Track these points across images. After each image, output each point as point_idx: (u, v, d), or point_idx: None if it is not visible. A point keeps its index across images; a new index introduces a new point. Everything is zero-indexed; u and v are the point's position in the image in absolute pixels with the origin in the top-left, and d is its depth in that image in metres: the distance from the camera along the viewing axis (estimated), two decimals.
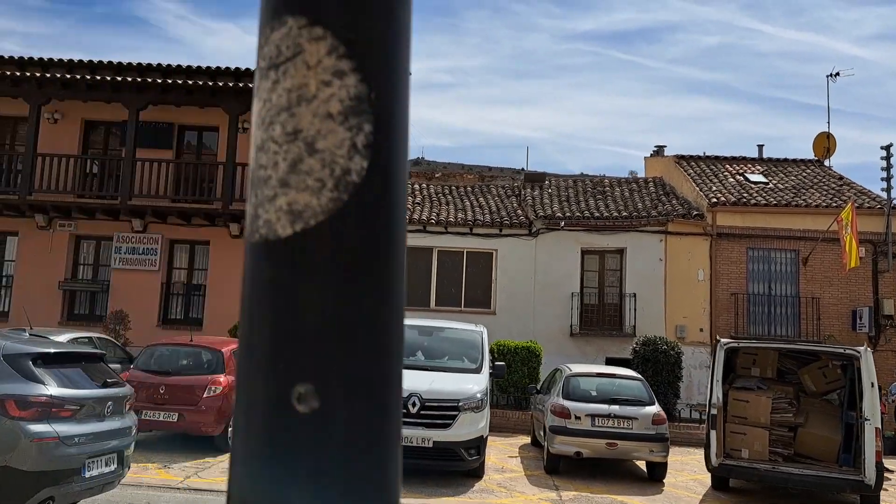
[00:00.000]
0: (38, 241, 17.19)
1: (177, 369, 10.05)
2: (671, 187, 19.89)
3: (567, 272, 17.30)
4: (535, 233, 17.50)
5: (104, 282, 17.29)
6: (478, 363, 9.86)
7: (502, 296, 17.38)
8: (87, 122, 17.93)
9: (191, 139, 18.28)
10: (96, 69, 17.61)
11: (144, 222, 17.21)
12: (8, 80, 16.55)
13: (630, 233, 17.38)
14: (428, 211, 18.59)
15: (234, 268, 17.27)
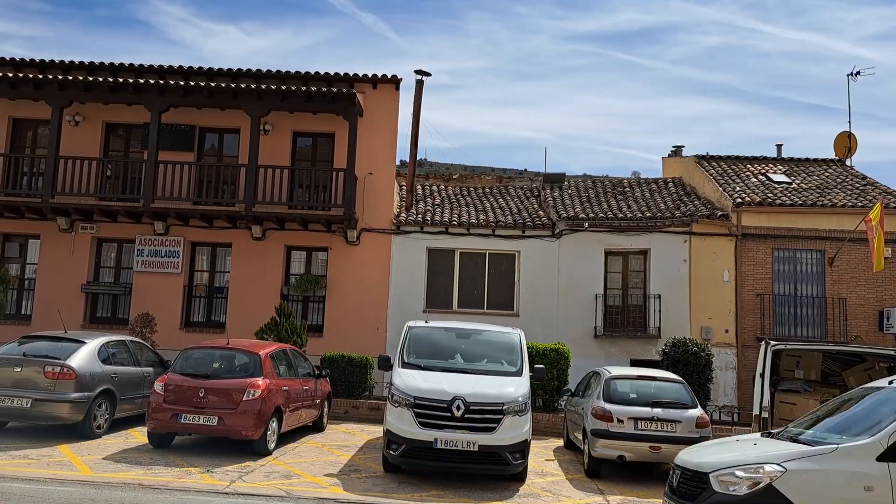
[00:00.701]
0: (60, 244, 17.15)
1: (215, 372, 9.98)
2: (692, 187, 19.80)
3: (590, 273, 17.22)
4: (558, 234, 17.41)
5: (126, 284, 17.24)
6: (518, 366, 9.78)
7: (525, 297, 17.30)
8: (108, 124, 17.89)
9: (212, 141, 18.21)
10: (117, 71, 17.57)
11: (166, 225, 17.16)
12: (30, 82, 16.53)
13: (654, 233, 17.29)
14: (449, 212, 18.51)
15: (256, 270, 17.23)
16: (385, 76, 17.92)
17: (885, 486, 5.17)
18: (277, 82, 17.49)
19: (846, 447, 5.46)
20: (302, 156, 18.26)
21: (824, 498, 5.26)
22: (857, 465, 5.30)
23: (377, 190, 17.70)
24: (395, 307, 17.26)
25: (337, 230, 17.42)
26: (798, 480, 5.31)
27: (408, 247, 17.59)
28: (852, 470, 5.28)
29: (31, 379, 9.90)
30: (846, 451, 5.40)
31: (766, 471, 5.41)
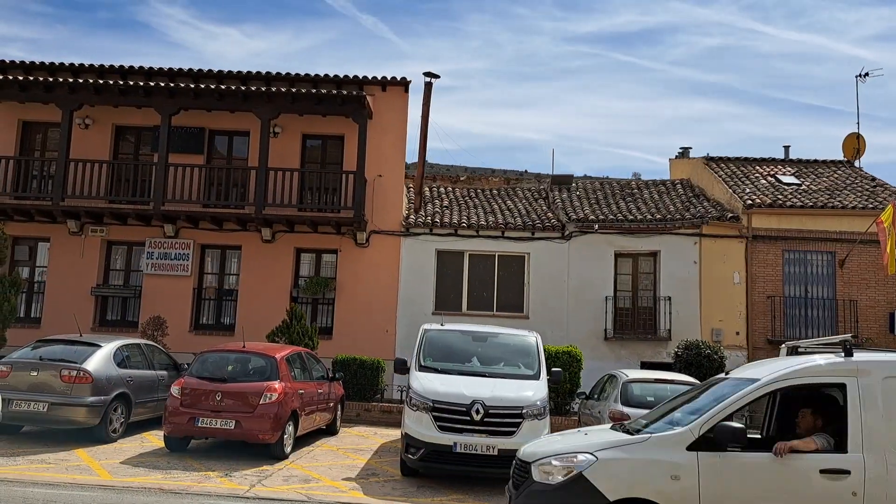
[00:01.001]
0: (69, 247, 17.15)
1: (231, 376, 9.97)
2: (700, 189, 19.79)
3: (600, 275, 17.20)
4: (567, 236, 17.40)
5: (136, 287, 17.23)
6: (535, 370, 9.77)
7: (535, 300, 17.28)
8: (118, 127, 17.88)
9: (221, 144, 18.20)
10: (127, 74, 17.58)
11: (176, 227, 17.15)
12: (40, 85, 16.54)
13: (664, 235, 17.27)
14: (458, 214, 18.50)
15: (265, 272, 17.22)
16: (394, 78, 17.92)
17: (692, 475, 5.22)
18: (287, 85, 17.49)
19: (659, 436, 5.53)
20: (311, 158, 18.26)
21: (631, 486, 5.28)
22: (667, 454, 5.35)
23: (386, 192, 17.69)
24: (405, 309, 17.25)
25: (346, 232, 17.41)
26: (607, 468, 5.34)
27: (417, 249, 17.58)
28: (661, 459, 5.32)
29: (48, 383, 9.89)
30: (659, 441, 5.46)
31: (578, 460, 5.45)
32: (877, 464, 5.26)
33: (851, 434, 5.36)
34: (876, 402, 5.41)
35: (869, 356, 5.79)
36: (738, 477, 5.29)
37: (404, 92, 18.11)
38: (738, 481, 5.28)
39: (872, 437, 5.32)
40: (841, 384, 5.55)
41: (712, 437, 5.29)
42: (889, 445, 5.31)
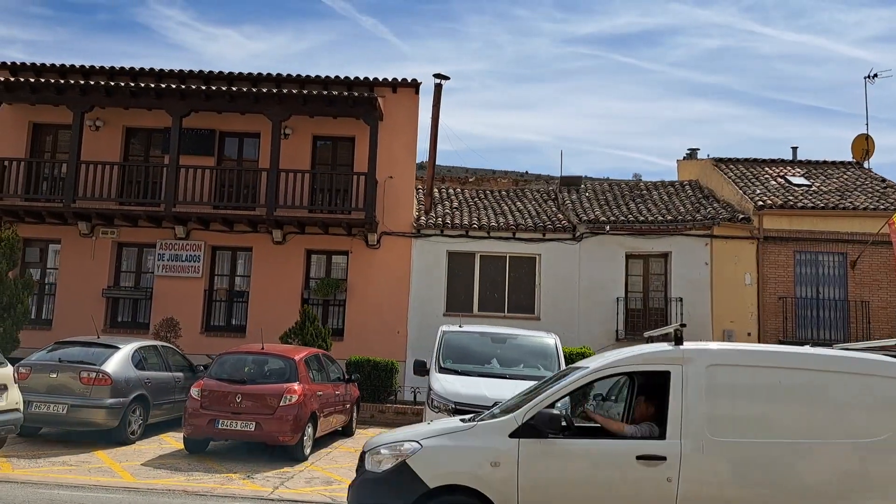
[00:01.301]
0: (80, 249, 17.15)
1: (250, 378, 9.97)
2: (709, 190, 19.79)
3: (611, 277, 17.20)
4: (578, 237, 17.40)
5: (147, 289, 17.22)
6: (555, 371, 9.74)
7: (546, 301, 17.28)
8: (128, 129, 17.88)
9: (232, 145, 18.21)
10: (137, 76, 17.59)
11: (187, 229, 17.16)
12: (52, 87, 16.54)
13: (675, 237, 17.27)
14: (468, 216, 18.50)
15: (276, 274, 17.22)
16: (405, 80, 17.93)
17: (511, 462, 5.25)
18: (297, 86, 17.49)
19: (484, 424, 5.60)
20: (321, 160, 18.26)
21: (451, 473, 5.32)
22: (490, 440, 5.39)
23: (397, 193, 17.69)
24: (416, 310, 17.25)
25: (357, 234, 17.41)
26: (429, 456, 5.38)
27: (428, 250, 17.58)
28: (483, 446, 5.36)
29: (67, 385, 9.89)
30: (484, 428, 5.52)
31: (403, 448, 5.48)
32: (694, 450, 5.25)
33: (671, 421, 5.35)
34: (698, 389, 5.40)
35: (697, 345, 5.82)
36: (557, 464, 5.32)
37: (415, 93, 18.12)
38: (557, 468, 5.31)
39: (691, 423, 5.31)
40: (665, 372, 5.56)
41: (534, 424, 5.33)
42: (707, 432, 5.29)
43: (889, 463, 5.25)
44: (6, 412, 8.51)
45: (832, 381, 5.46)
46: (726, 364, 5.55)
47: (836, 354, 5.73)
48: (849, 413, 5.38)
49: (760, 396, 5.45)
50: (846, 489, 5.19)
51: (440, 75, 18.80)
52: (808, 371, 5.50)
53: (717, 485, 5.21)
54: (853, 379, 5.47)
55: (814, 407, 5.41)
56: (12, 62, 17.55)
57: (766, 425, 5.36)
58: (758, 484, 5.21)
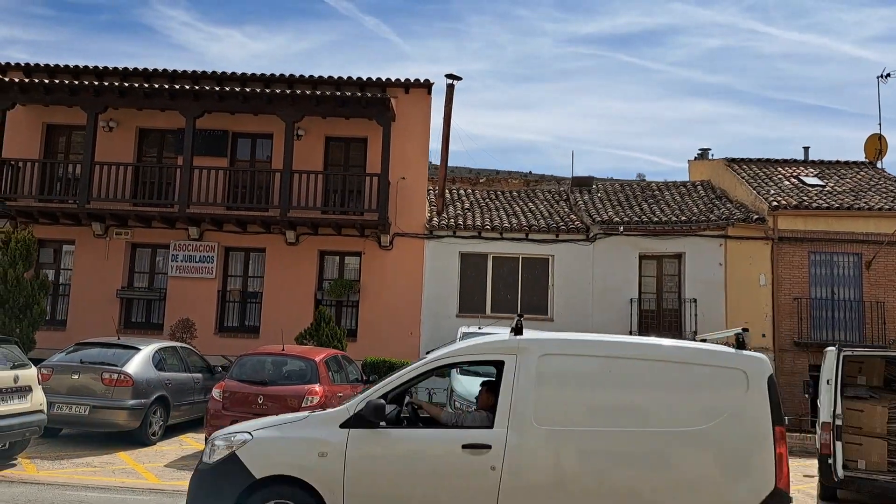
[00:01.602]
0: (94, 250, 17.17)
1: (272, 379, 9.97)
2: (722, 191, 19.75)
3: (625, 277, 17.18)
4: (592, 238, 17.37)
5: (161, 290, 17.24)
6: None
7: (559, 302, 17.25)
8: (142, 129, 17.89)
9: (244, 146, 18.21)
10: (151, 77, 17.60)
11: (201, 230, 17.16)
12: (66, 88, 16.55)
13: (688, 237, 17.23)
14: (480, 216, 18.49)
15: (290, 274, 17.22)
16: (417, 80, 17.92)
17: (339, 452, 5.25)
18: (310, 87, 17.49)
19: (317, 415, 5.63)
20: (334, 160, 18.25)
21: (277, 463, 5.31)
22: (320, 431, 5.38)
23: (409, 194, 17.69)
24: (429, 311, 17.24)
25: (370, 235, 17.41)
26: (258, 447, 5.38)
27: (440, 251, 17.57)
28: (313, 436, 5.37)
29: (88, 386, 9.90)
30: (316, 419, 5.55)
31: (235, 439, 5.48)
32: (519, 439, 5.25)
33: (500, 410, 5.35)
34: (529, 378, 5.40)
35: (533, 334, 5.84)
36: (385, 453, 5.33)
37: (427, 94, 18.11)
38: (385, 458, 5.32)
39: (518, 412, 5.31)
40: (500, 361, 5.57)
41: (363, 414, 5.34)
42: (534, 421, 5.30)
43: (710, 451, 5.23)
44: (31, 413, 8.52)
45: (659, 370, 5.46)
46: (558, 353, 5.55)
47: (663, 344, 5.74)
48: (674, 401, 5.37)
49: (589, 385, 5.46)
50: (668, 477, 5.19)
51: (452, 76, 18.80)
52: (636, 360, 5.51)
53: (541, 473, 5.22)
54: (680, 368, 5.47)
55: (640, 395, 5.42)
56: (26, 63, 17.58)
57: (592, 414, 5.37)
58: (582, 472, 5.24)
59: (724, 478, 5.18)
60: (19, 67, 17.56)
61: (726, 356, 5.50)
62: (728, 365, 5.42)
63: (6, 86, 16.56)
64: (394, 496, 5.20)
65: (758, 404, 5.28)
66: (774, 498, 5.09)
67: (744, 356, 5.46)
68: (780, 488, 5.12)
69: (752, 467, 5.17)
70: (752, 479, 5.14)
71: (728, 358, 5.47)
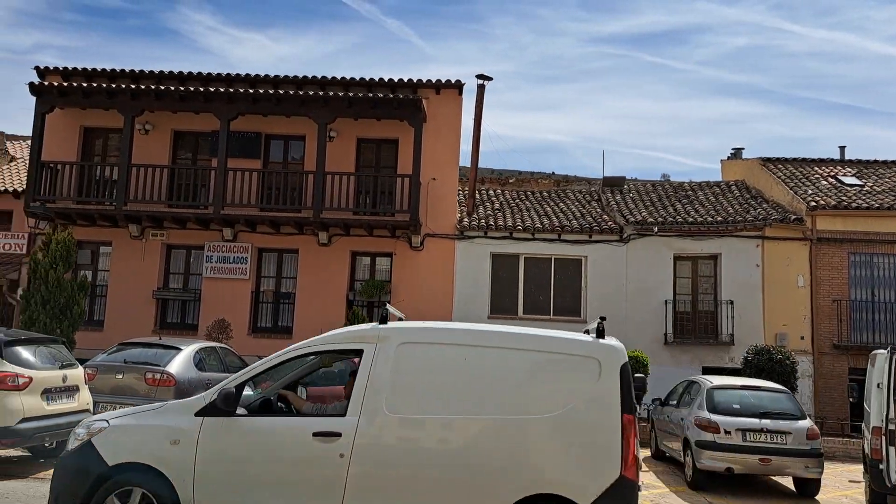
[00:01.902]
0: (131, 251, 17.38)
1: (314, 381, 9.96)
2: (757, 191, 19.46)
3: (659, 279, 16.99)
4: (625, 238, 17.20)
5: (195, 290, 17.40)
6: None
7: (593, 304, 17.11)
8: (176, 132, 18.07)
9: (277, 148, 18.31)
10: (185, 80, 17.78)
11: (234, 231, 17.30)
12: (103, 92, 16.78)
13: (724, 238, 17.00)
14: (511, 217, 18.41)
15: (322, 275, 17.29)
16: (448, 81, 17.89)
17: (191, 440, 5.27)
18: (342, 89, 17.55)
19: (174, 403, 5.80)
20: (365, 162, 18.28)
21: (130, 451, 5.36)
22: (175, 420, 5.43)
23: (440, 195, 17.66)
24: (460, 313, 17.17)
25: (401, 236, 17.41)
26: (113, 435, 5.45)
27: (472, 252, 17.52)
28: (167, 424, 5.41)
29: (132, 386, 10.01)
30: (173, 407, 5.64)
31: (93, 427, 5.53)
32: (370, 427, 5.26)
33: (353, 398, 5.38)
34: (386, 366, 5.41)
35: (394, 324, 5.82)
36: (237, 441, 5.35)
37: (458, 95, 18.07)
38: (237, 445, 5.34)
39: (371, 400, 5.32)
40: (360, 350, 5.58)
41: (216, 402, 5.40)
42: (386, 409, 5.29)
43: (559, 438, 5.24)
44: (79, 413, 8.63)
45: (515, 358, 5.46)
46: (416, 342, 5.56)
47: (520, 332, 5.74)
48: (527, 389, 5.36)
49: (445, 373, 5.45)
50: (516, 464, 5.19)
51: (483, 76, 18.77)
52: (493, 349, 5.51)
53: (389, 461, 5.23)
54: (535, 356, 5.47)
55: (495, 384, 5.40)
56: (63, 67, 17.84)
57: (446, 402, 5.36)
58: (430, 461, 5.23)
59: (571, 464, 5.18)
60: (57, 72, 17.84)
61: (581, 345, 5.52)
62: (582, 353, 5.43)
63: (45, 90, 16.85)
64: (244, 484, 5.24)
65: (609, 392, 5.26)
66: (619, 485, 5.07)
67: (599, 345, 5.46)
68: (626, 476, 5.11)
69: (599, 455, 5.16)
70: (598, 466, 5.13)
71: (583, 346, 5.49)
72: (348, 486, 5.15)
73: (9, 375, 8.08)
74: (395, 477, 5.19)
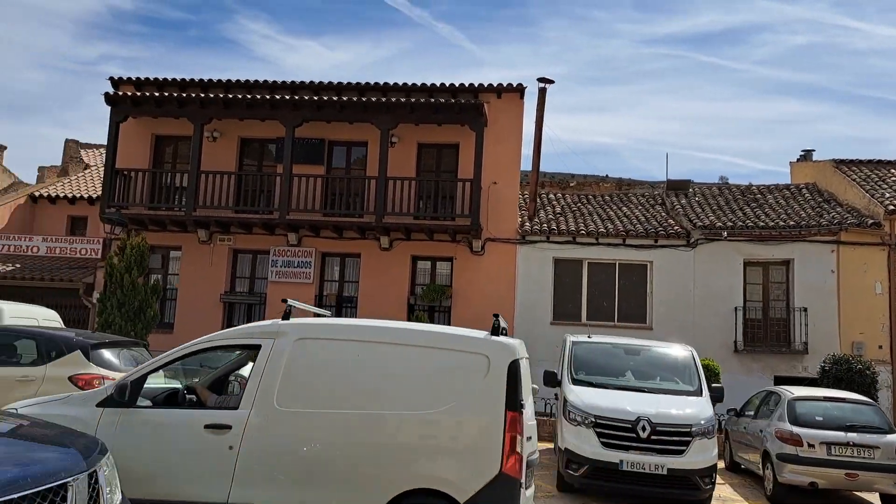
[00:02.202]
0: (199, 255, 17.83)
1: None
2: (830, 194, 18.74)
3: (728, 285, 16.51)
4: (693, 243, 16.78)
5: (261, 294, 17.74)
6: (696, 385, 9.39)
7: (659, 310, 16.74)
8: (243, 139, 18.48)
9: (339, 154, 18.54)
10: (251, 88, 18.18)
11: (299, 236, 17.57)
12: (174, 101, 17.29)
13: (797, 243, 16.42)
14: (573, 221, 18.18)
15: (383, 279, 17.40)
16: (510, 85, 17.82)
17: (91, 430, 5.25)
18: (403, 95, 17.66)
19: (79, 394, 6.00)
20: (426, 167, 18.34)
21: None
22: (78, 410, 5.56)
23: (501, 199, 17.57)
24: (522, 318, 17.04)
25: (462, 240, 17.39)
26: None
27: (533, 257, 17.38)
28: (69, 414, 5.47)
29: None
30: (78, 397, 5.84)
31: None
32: (258, 420, 5.35)
33: (247, 391, 5.48)
34: (280, 361, 5.49)
35: (295, 320, 5.85)
36: (132, 432, 5.45)
37: (520, 98, 17.98)
38: (132, 436, 5.43)
39: (263, 394, 5.41)
40: (257, 345, 5.67)
41: (113, 394, 5.56)
42: (276, 403, 5.38)
43: (443, 433, 5.28)
44: None
45: (408, 354, 5.53)
46: (313, 338, 5.63)
47: (413, 329, 5.86)
48: (417, 385, 5.39)
49: (338, 369, 5.51)
50: (400, 459, 5.23)
51: (545, 79, 18.62)
52: (387, 345, 5.58)
53: (275, 454, 5.30)
54: (428, 352, 5.53)
55: (385, 379, 5.44)
56: (136, 77, 18.45)
57: (337, 397, 5.41)
58: (316, 455, 5.28)
59: (453, 460, 5.22)
60: (130, 82, 18.47)
61: (472, 341, 5.59)
62: (472, 350, 5.50)
63: (120, 99, 17.46)
64: (138, 474, 5.28)
65: (494, 389, 5.31)
66: (498, 481, 5.09)
67: (489, 342, 5.55)
68: (506, 472, 5.12)
69: (479, 451, 5.19)
70: (478, 463, 5.16)
71: (474, 343, 5.56)
72: (235, 477, 5.28)
73: (95, 377, 8.38)
74: (280, 470, 5.28)
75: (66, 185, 21.29)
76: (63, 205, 20.53)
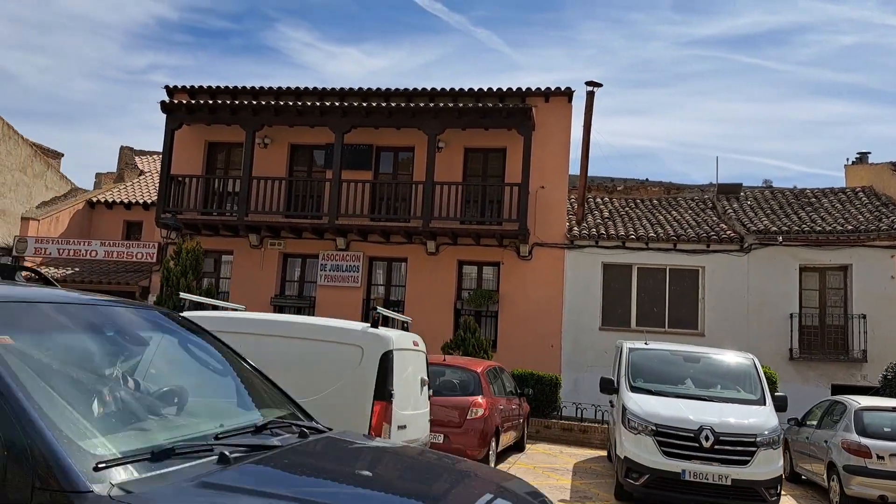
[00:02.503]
0: (250, 259, 18.15)
1: (435, 389, 10.03)
2: (888, 197, 18.19)
3: (783, 291, 16.13)
4: (746, 248, 16.46)
5: (310, 298, 17.96)
6: (759, 394, 9.20)
7: (711, 316, 16.45)
8: (293, 145, 18.75)
9: (386, 160, 18.68)
10: (301, 95, 18.44)
11: (347, 241, 17.75)
12: (227, 108, 17.65)
13: (855, 248, 15.97)
14: (622, 226, 17.99)
15: (430, 284, 17.45)
16: (558, 89, 17.73)
17: None
18: (450, 100, 17.71)
19: None
20: (472, 171, 18.35)
21: None
22: None
23: (549, 204, 17.48)
24: (570, 324, 16.92)
25: (509, 245, 17.35)
26: None
27: (582, 262, 17.23)
28: None
29: None
30: None
31: None
32: None
33: None
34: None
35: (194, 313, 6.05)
36: None
37: (568, 102, 17.88)
38: None
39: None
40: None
41: None
42: None
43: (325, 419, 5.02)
44: None
45: (295, 346, 5.76)
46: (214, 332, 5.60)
47: (293, 321, 6.14)
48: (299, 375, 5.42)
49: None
50: None
51: (593, 83, 18.49)
52: (269, 337, 5.79)
53: None
54: (311, 344, 5.77)
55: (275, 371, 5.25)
56: (190, 86, 18.88)
57: None
58: None
59: None
60: (184, 90, 18.90)
61: (350, 333, 5.87)
62: (350, 341, 5.78)
63: (175, 107, 17.89)
64: None
65: (365, 379, 5.53)
66: None
67: (365, 334, 5.82)
68: None
69: None
70: None
71: (352, 335, 5.85)
72: None
73: None
74: None
75: (122, 191, 21.89)
76: (119, 210, 21.12)
